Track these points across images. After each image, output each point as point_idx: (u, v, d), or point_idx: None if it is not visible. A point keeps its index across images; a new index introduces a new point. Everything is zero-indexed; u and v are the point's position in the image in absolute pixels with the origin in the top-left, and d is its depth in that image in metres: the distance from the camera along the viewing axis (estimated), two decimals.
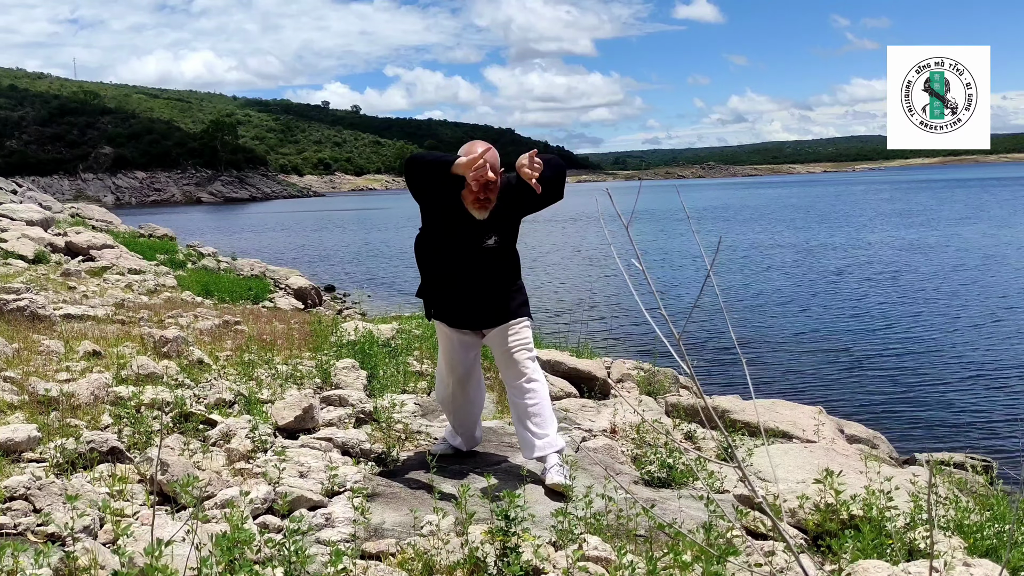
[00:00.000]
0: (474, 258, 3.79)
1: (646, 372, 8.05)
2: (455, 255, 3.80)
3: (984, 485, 5.82)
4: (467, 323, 3.91)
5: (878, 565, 2.81)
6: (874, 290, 18.13)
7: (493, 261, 3.84)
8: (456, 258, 3.81)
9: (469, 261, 3.80)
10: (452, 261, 3.82)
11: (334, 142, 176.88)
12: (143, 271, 12.52)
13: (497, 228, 3.78)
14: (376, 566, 2.68)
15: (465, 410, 4.14)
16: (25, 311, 6.48)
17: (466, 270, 3.81)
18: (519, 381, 3.84)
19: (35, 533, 2.72)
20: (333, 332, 7.21)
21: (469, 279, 3.82)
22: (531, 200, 3.74)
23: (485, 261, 3.81)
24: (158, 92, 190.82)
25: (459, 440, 4.27)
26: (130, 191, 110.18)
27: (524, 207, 3.83)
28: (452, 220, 3.75)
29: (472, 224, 3.74)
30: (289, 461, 3.65)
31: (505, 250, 3.86)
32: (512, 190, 3.76)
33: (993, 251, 24.64)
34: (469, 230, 3.75)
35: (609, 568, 2.76)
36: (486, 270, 3.83)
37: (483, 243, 3.77)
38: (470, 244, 3.77)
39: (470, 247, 3.77)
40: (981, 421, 8.94)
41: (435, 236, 3.84)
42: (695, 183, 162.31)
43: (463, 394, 4.07)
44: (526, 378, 3.83)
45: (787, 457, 4.93)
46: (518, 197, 3.76)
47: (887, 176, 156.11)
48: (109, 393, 4.47)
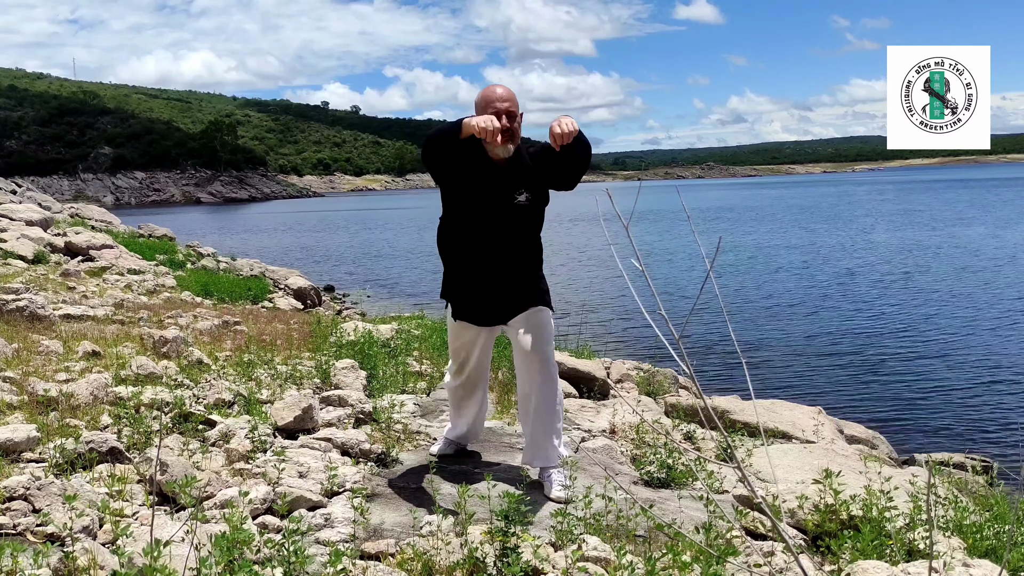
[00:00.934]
0: (505, 218, 3.57)
1: (645, 372, 8.06)
2: (485, 216, 3.57)
3: (984, 486, 5.82)
4: (493, 315, 3.70)
5: (877, 565, 2.81)
6: (874, 290, 18.14)
7: (523, 225, 3.63)
8: (486, 220, 3.57)
9: (499, 223, 3.56)
10: (481, 225, 3.59)
11: (333, 142, 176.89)
12: (142, 271, 12.51)
13: (527, 183, 3.57)
14: (375, 566, 2.68)
15: (471, 409, 4.11)
16: (24, 311, 6.48)
17: (496, 236, 3.58)
18: (537, 377, 3.60)
19: (34, 533, 2.72)
20: (332, 332, 7.21)
21: (498, 250, 3.59)
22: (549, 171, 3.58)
23: (516, 223, 3.59)
24: (158, 92, 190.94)
25: (459, 430, 4.19)
26: (129, 191, 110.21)
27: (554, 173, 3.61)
28: (480, 176, 3.54)
29: (501, 177, 3.54)
30: (288, 461, 3.64)
31: (535, 214, 3.65)
32: (539, 156, 3.61)
33: (994, 252, 24.65)
34: (499, 184, 3.54)
35: (608, 568, 2.75)
36: (515, 237, 3.61)
37: (514, 199, 3.55)
38: (501, 200, 3.55)
39: (501, 203, 3.55)
40: (981, 421, 8.95)
41: (462, 202, 3.61)
42: (695, 183, 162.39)
43: (471, 396, 4.03)
44: (546, 375, 3.60)
45: (786, 457, 4.92)
46: (543, 163, 3.60)
47: (888, 176, 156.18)
48: (108, 393, 4.46)
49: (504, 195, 3.55)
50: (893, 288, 18.33)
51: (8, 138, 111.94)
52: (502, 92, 3.51)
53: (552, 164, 3.55)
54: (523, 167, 3.58)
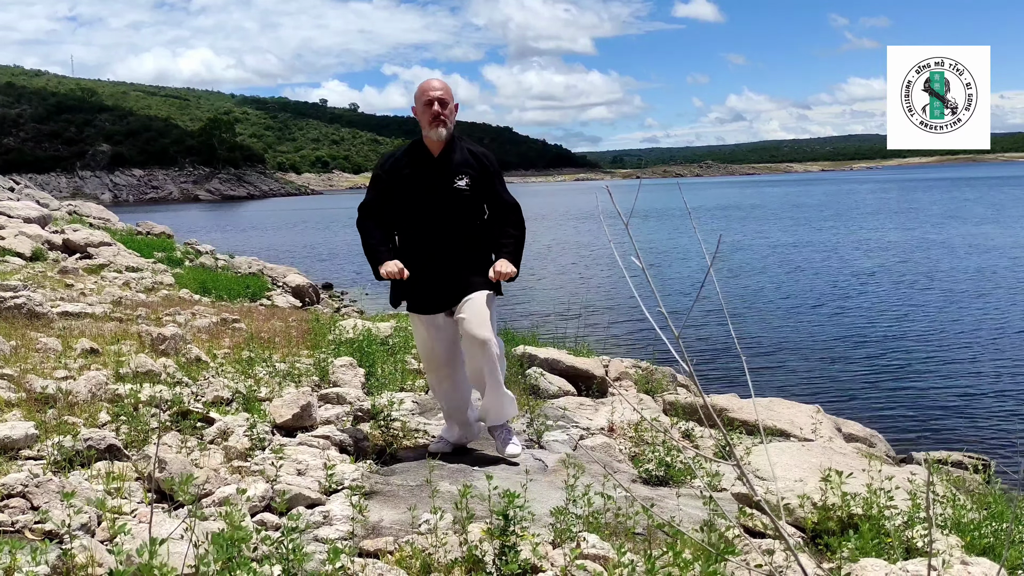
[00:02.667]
0: (445, 203, 3.88)
1: (644, 371, 8.05)
2: (425, 202, 3.88)
3: (981, 484, 5.83)
4: (438, 302, 3.95)
5: (876, 564, 2.81)
6: (873, 289, 18.15)
7: (463, 210, 3.93)
8: (427, 206, 3.88)
9: (440, 208, 3.88)
10: (423, 212, 3.89)
11: (332, 140, 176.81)
12: (140, 269, 12.49)
13: (464, 171, 3.91)
14: (374, 564, 2.67)
15: (454, 395, 4.19)
16: (22, 309, 6.47)
17: (437, 221, 3.88)
18: (475, 342, 3.84)
19: (32, 531, 2.72)
20: (331, 330, 7.20)
21: (440, 236, 3.89)
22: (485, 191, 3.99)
23: (456, 208, 3.90)
24: (156, 90, 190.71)
25: (456, 432, 4.28)
26: (128, 189, 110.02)
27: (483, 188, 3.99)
28: (418, 166, 3.92)
29: (438, 164, 3.90)
30: (287, 459, 3.64)
31: (474, 200, 3.96)
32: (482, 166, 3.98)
33: (994, 250, 24.65)
34: (437, 170, 3.90)
35: (607, 566, 2.75)
36: (456, 222, 3.90)
37: (453, 183, 3.88)
38: (440, 185, 3.88)
39: (440, 188, 3.87)
40: (979, 420, 8.96)
41: (403, 191, 3.92)
42: (693, 182, 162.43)
43: (449, 380, 4.14)
44: (483, 339, 3.84)
45: (784, 456, 4.92)
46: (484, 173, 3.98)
47: (888, 175, 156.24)
48: (107, 391, 4.46)
49: (443, 180, 3.89)
50: (892, 287, 18.35)
51: (6, 135, 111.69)
52: (437, 83, 3.97)
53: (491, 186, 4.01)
54: (460, 155, 3.94)
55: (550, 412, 5.42)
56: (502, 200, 4.03)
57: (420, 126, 3.96)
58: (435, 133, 3.87)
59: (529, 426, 4.68)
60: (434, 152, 3.93)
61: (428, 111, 3.88)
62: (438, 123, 3.86)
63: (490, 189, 3.99)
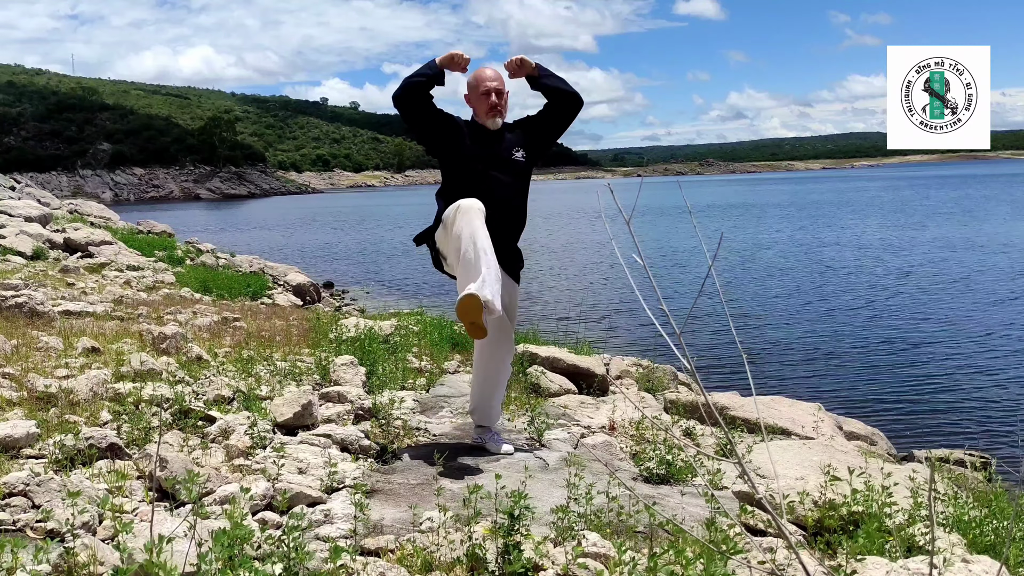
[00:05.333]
0: (506, 173, 3.99)
1: (645, 369, 8.05)
2: (488, 173, 3.96)
3: (983, 482, 5.83)
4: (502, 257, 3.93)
5: (877, 561, 2.81)
6: (874, 287, 18.14)
7: (521, 181, 4.07)
8: (490, 177, 3.96)
9: (502, 178, 3.98)
10: (486, 182, 3.95)
11: (332, 138, 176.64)
12: (141, 267, 12.50)
13: (520, 144, 4.08)
14: (375, 562, 2.68)
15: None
16: (23, 307, 6.47)
17: (499, 190, 3.95)
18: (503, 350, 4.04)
19: (34, 529, 2.72)
20: (332, 329, 7.20)
21: (501, 204, 3.94)
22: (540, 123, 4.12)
23: (515, 178, 4.03)
24: (156, 88, 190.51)
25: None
26: (128, 187, 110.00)
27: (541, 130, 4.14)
28: (480, 142, 4.02)
29: (498, 139, 4.04)
30: (288, 457, 3.64)
31: (528, 171, 4.12)
32: (527, 120, 4.16)
33: (995, 249, 24.63)
34: (497, 144, 4.04)
35: (608, 564, 2.76)
36: (515, 192, 4.02)
37: (511, 155, 4.03)
38: (498, 157, 4.00)
39: (498, 160, 3.99)
40: (980, 418, 8.95)
41: (466, 164, 4.00)
42: (694, 179, 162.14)
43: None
44: (508, 348, 4.06)
45: (786, 454, 4.93)
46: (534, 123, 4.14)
47: (890, 172, 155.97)
48: (108, 389, 4.46)
49: (504, 152, 4.04)
50: (893, 285, 18.34)
51: (6, 134, 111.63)
52: (491, 73, 4.09)
53: (541, 118, 4.15)
54: (514, 133, 4.14)
55: (551, 410, 5.42)
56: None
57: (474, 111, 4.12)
58: (491, 123, 4.05)
59: (530, 424, 4.68)
60: (492, 131, 4.11)
61: (485, 101, 4.03)
62: (495, 113, 4.04)
63: (534, 124, 4.16)
